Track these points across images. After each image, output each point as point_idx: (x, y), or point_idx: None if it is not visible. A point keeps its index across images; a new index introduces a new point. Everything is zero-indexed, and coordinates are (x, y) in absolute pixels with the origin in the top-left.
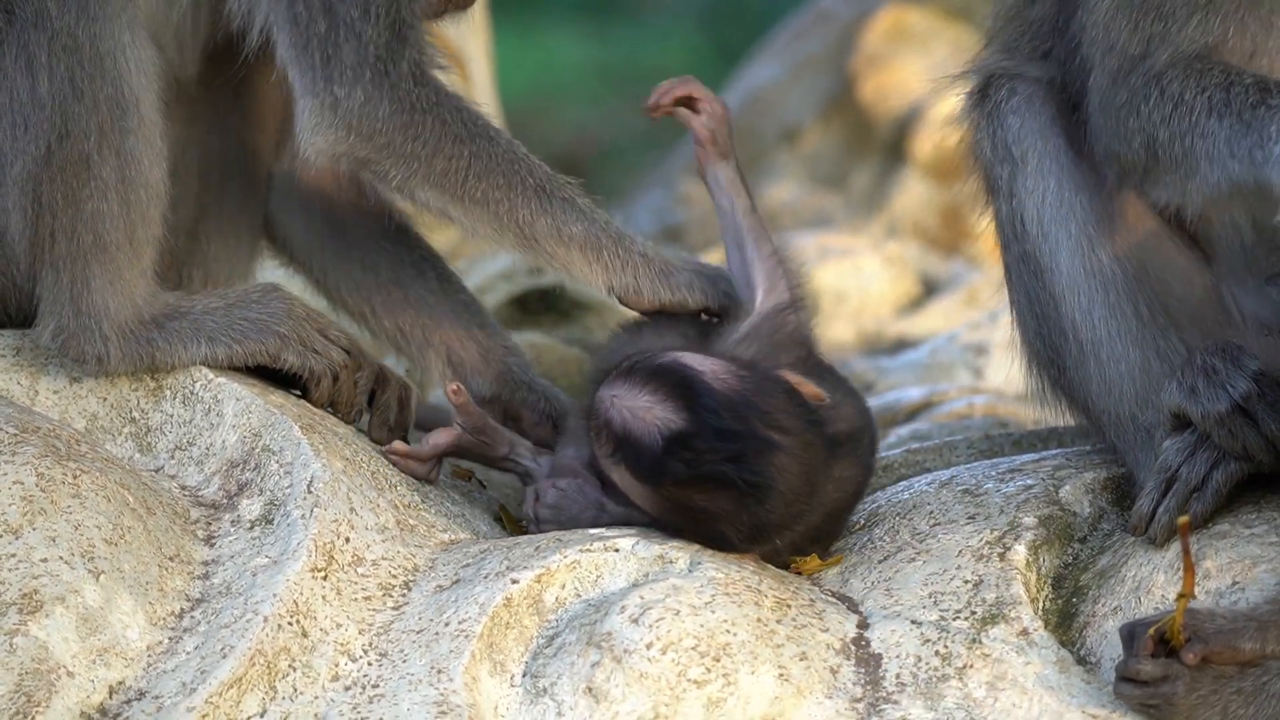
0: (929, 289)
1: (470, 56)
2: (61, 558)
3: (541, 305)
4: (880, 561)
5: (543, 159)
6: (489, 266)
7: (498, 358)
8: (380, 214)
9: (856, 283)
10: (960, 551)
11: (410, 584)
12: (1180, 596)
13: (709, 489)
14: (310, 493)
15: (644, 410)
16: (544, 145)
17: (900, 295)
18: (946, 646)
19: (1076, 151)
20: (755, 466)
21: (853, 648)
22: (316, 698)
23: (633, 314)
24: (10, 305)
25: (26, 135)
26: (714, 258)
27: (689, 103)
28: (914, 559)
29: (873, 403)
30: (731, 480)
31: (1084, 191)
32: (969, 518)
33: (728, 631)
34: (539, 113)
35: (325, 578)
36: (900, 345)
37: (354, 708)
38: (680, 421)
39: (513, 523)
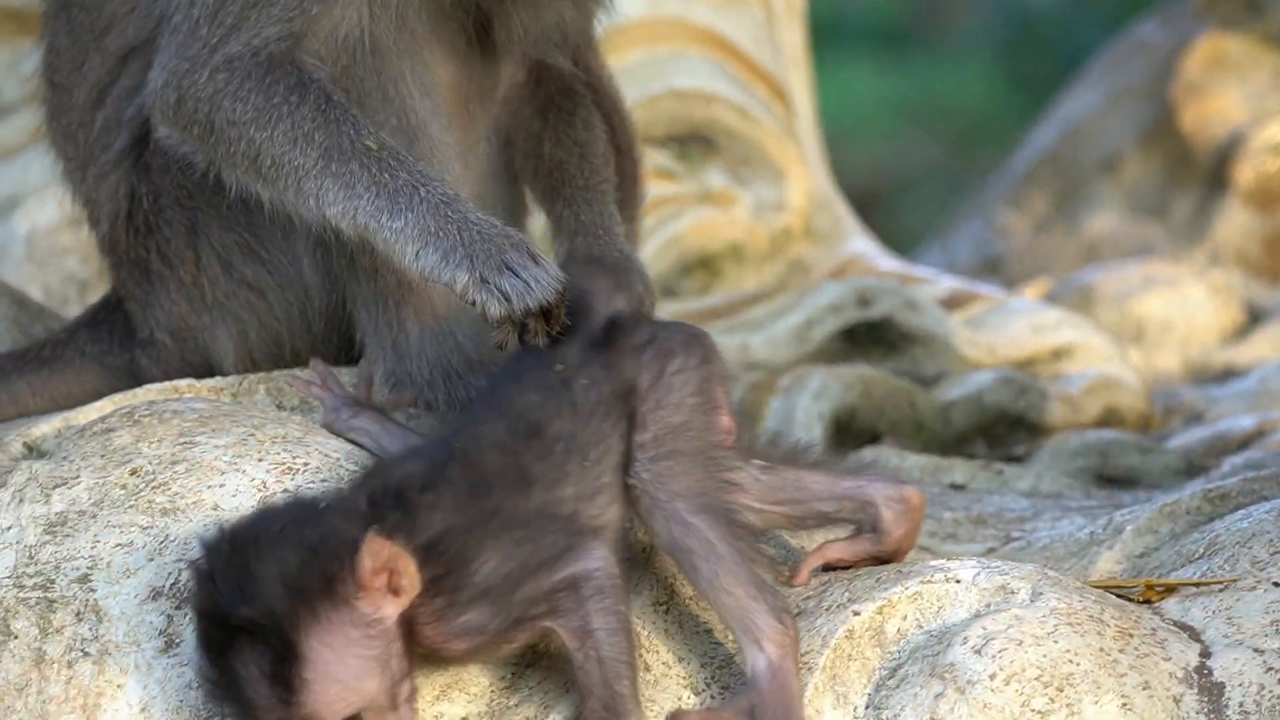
0: (1254, 317)
1: (793, 91)
2: None
3: (870, 338)
4: (1220, 590)
5: (841, 193)
6: (818, 299)
7: (609, 241)
8: (533, 122)
9: (1182, 312)
10: None
11: None
12: None
13: None
14: None
15: None
16: (839, 178)
17: (1226, 323)
18: None
19: None
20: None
21: (1195, 676)
22: None
23: None
24: (303, 350)
25: None
26: (1035, 291)
27: None
28: (1254, 587)
29: (1203, 432)
30: None
31: None
32: None
33: (1070, 661)
34: (834, 146)
35: (667, 611)
36: (1228, 374)
37: None
38: None
39: None
